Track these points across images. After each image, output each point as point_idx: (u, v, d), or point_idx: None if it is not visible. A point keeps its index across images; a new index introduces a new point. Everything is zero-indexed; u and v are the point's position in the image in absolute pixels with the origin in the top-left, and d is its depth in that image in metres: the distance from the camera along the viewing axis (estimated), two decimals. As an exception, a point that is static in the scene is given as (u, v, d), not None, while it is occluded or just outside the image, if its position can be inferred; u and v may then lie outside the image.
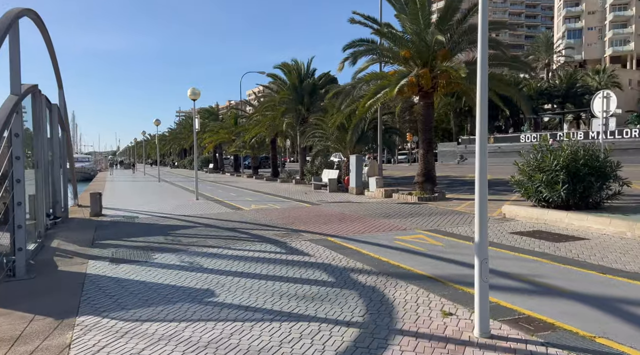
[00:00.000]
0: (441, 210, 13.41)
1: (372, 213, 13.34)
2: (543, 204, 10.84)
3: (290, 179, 29.98)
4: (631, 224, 8.50)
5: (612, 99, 11.19)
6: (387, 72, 17.09)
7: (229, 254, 8.37)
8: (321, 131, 22.50)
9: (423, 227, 10.68)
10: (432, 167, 16.59)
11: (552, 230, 9.60)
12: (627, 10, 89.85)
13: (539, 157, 10.74)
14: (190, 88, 19.27)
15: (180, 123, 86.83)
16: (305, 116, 27.14)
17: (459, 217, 12.03)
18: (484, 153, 4.43)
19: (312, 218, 12.68)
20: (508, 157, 45.33)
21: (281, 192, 21.77)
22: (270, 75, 28.94)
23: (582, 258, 7.19)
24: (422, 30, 15.44)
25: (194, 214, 14.33)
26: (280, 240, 9.50)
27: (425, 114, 16.49)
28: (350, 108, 17.07)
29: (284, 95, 26.97)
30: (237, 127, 40.67)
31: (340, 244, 8.93)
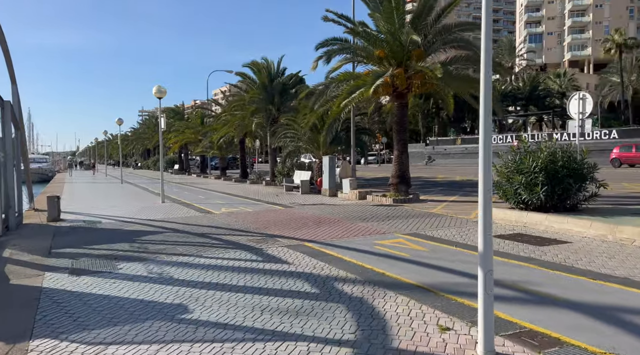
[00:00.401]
0: (417, 213, 13.19)
1: (348, 216, 12.98)
2: (521, 206, 10.73)
3: (260, 180, 29.37)
4: (612, 227, 8.43)
5: (588, 100, 11.24)
6: (360, 72, 16.79)
7: (201, 262, 7.81)
8: (293, 131, 22.03)
9: (402, 230, 10.39)
10: (407, 169, 16.40)
11: (532, 233, 9.47)
12: (584, 16, 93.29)
13: (518, 158, 10.62)
14: (156, 86, 18.46)
15: (143, 122, 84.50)
16: (276, 116, 26.60)
17: (436, 219, 11.81)
18: (487, 157, 4.09)
19: (287, 222, 12.21)
20: (474, 157, 46.08)
21: (252, 194, 21.19)
22: (239, 73, 28.26)
23: (570, 263, 7.02)
24: (396, 29, 15.21)
25: (161, 218, 13.61)
26: (256, 247, 9.00)
27: (400, 115, 16.28)
28: (323, 108, 16.69)
29: (253, 95, 26.35)
30: (204, 126, 39.70)
31: (320, 250, 8.51)
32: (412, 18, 15.21)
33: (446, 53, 16.54)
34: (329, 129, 16.09)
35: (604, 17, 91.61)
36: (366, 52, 15.80)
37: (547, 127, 60.85)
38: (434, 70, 13.45)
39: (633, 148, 29.69)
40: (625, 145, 30.45)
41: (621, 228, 8.26)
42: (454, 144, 48.79)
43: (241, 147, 34.19)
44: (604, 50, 55.55)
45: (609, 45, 54.23)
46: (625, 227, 8.22)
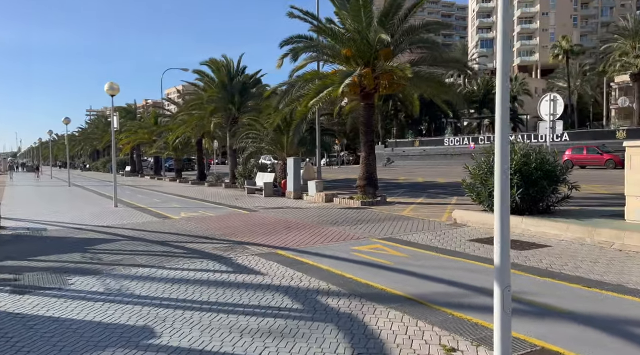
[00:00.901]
0: (388, 216, 12.86)
1: (317, 220, 12.47)
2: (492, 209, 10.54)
3: (219, 182, 28.40)
4: (589, 229, 8.34)
5: (559, 102, 11.27)
6: (327, 72, 16.35)
7: (165, 275, 7.07)
8: (255, 132, 21.30)
9: (376, 235, 9.98)
10: (374, 171, 16.08)
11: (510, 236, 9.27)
12: (532, 23, 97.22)
13: (492, 160, 10.43)
14: (108, 82, 17.32)
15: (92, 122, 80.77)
16: (236, 116, 25.74)
17: (408, 222, 11.50)
18: (505, 160, 3.67)
19: (254, 227, 11.55)
20: (433, 159, 46.84)
21: (211, 197, 20.30)
22: (197, 71, 27.20)
23: (556, 269, 6.80)
24: (363, 28, 14.86)
25: (115, 224, 12.62)
26: (224, 256, 8.32)
27: (367, 116, 15.94)
28: (289, 108, 16.11)
29: (212, 93, 25.38)
30: (158, 126, 38.13)
31: (294, 258, 7.94)
32: (380, 16, 14.89)
33: (412, 54, 16.37)
34: (296, 130, 15.53)
35: (550, 25, 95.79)
36: (333, 51, 15.36)
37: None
38: (404, 70, 13.18)
39: (584, 150, 30.86)
40: (576, 148, 31.61)
41: (598, 231, 8.17)
42: (412, 145, 49.38)
43: (198, 148, 33.00)
44: (552, 55, 57.90)
45: (557, 51, 56.57)
46: (603, 230, 8.14)
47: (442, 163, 43.97)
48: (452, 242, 8.98)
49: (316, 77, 15.73)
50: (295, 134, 15.55)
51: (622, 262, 7.03)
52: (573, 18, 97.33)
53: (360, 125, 16.08)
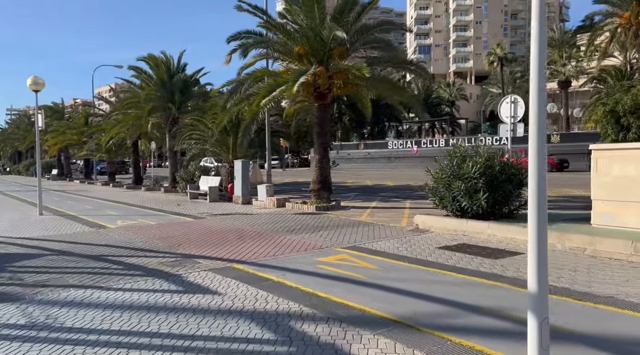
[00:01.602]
0: (346, 221, 12.23)
1: (272, 227, 11.60)
2: (458, 214, 10.22)
3: (157, 186, 26.68)
4: (559, 235, 8.11)
5: (520, 104, 11.16)
6: (278, 70, 15.50)
7: (102, 299, 5.97)
8: (199, 133, 20.02)
9: (339, 243, 9.29)
10: (329, 174, 15.46)
11: (477, 243, 8.92)
12: (466, 31, 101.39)
13: (455, 163, 10.09)
14: (32, 76, 15.50)
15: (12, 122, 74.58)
16: (177, 116, 24.24)
17: (369, 229, 10.92)
18: (542, 166, 3.07)
19: (202, 237, 10.50)
20: (376, 162, 47.13)
21: (150, 203, 18.81)
22: (133, 68, 25.36)
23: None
24: (316, 25, 14.19)
25: (41, 236, 11.09)
26: (172, 272, 7.29)
27: (321, 117, 15.29)
28: (237, 107, 15.10)
29: (150, 92, 23.73)
30: (89, 127, 35.51)
31: (254, 274, 7.07)
32: (334, 13, 14.30)
33: (365, 54, 15.92)
34: (246, 130, 14.57)
35: (483, 33, 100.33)
36: (285, 48, 14.57)
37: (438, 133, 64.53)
38: (361, 69, 12.64)
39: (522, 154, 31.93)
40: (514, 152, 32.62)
41: (569, 236, 7.95)
42: (357, 148, 49.45)
43: (134, 149, 30.95)
44: (488, 62, 60.34)
45: (492, 58, 59.01)
46: (573, 236, 7.92)
47: (386, 166, 44.28)
48: (421, 250, 8.46)
49: (267, 75, 14.87)
50: (245, 135, 14.60)
51: (601, 270, 6.77)
52: (504, 28, 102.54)
53: (314, 126, 15.40)
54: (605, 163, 8.31)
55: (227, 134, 19.41)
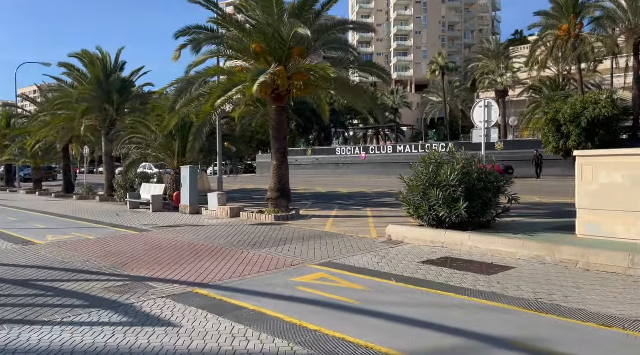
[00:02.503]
0: (311, 233, 11.31)
1: (231, 241, 10.46)
2: (433, 224, 9.61)
3: (91, 195, 24.41)
4: (548, 247, 7.66)
5: (494, 108, 10.78)
6: (234, 68, 14.36)
7: (32, 343, 4.69)
8: (140, 136, 18.36)
9: (312, 259, 8.37)
10: (287, 182, 14.51)
11: (460, 256, 8.31)
12: (407, 40, 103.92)
13: (431, 170, 9.48)
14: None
15: None
16: (115, 118, 22.31)
17: (339, 241, 10.07)
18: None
19: (152, 254, 9.20)
20: (325, 168, 46.54)
21: (85, 214, 16.95)
22: (64, 64, 23.08)
23: (545, 299, 5.81)
24: (275, 21, 13.25)
25: (-48, 257, 9.31)
26: (122, 301, 6.06)
27: (278, 120, 14.31)
28: (187, 108, 13.79)
29: (84, 91, 21.66)
30: (12, 129, 32.26)
31: (224, 301, 6.00)
32: (293, 10, 13.42)
33: (325, 54, 15.17)
34: (198, 134, 13.27)
35: (423, 43, 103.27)
36: (241, 45, 13.48)
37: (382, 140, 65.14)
38: (325, 69, 11.84)
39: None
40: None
41: (559, 249, 7.50)
42: (304, 154, 48.61)
43: (65, 154, 28.37)
44: (430, 71, 61.72)
45: (434, 67, 60.44)
46: (564, 248, 7.49)
47: (334, 172, 43.83)
48: (404, 266, 7.72)
49: (221, 74, 13.71)
50: (197, 139, 13.30)
51: (604, 286, 6.31)
52: (442, 39, 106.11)
53: (272, 130, 14.39)
54: (591, 170, 7.98)
55: (173, 137, 17.94)
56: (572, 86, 45.42)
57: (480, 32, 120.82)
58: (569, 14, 30.25)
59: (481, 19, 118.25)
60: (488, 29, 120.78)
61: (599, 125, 27.03)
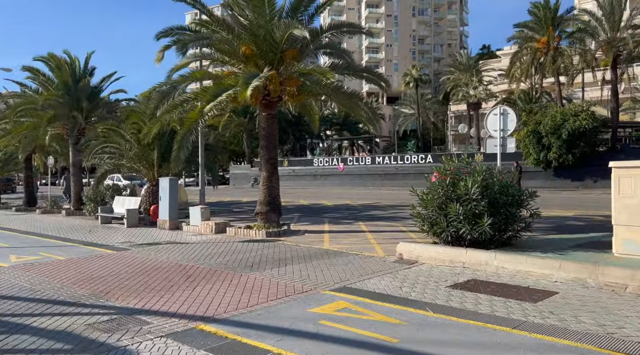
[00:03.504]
0: (310, 251, 10.33)
1: (224, 261, 9.36)
2: (448, 241, 8.81)
3: (56, 208, 22.63)
4: (590, 268, 6.94)
5: (510, 116, 10.06)
6: (222, 72, 13.32)
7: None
8: (114, 145, 16.98)
9: (325, 284, 7.39)
10: (278, 194, 13.53)
11: (488, 278, 7.51)
12: (378, 53, 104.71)
13: (448, 182, 8.69)
14: None
15: None
16: (84, 126, 20.79)
17: (345, 261, 9.13)
18: None
19: (136, 277, 8.03)
20: (302, 179, 45.53)
21: (52, 230, 15.43)
22: (28, 68, 21.40)
23: (617, 333, 5.03)
24: (267, 22, 12.33)
25: None
26: (111, 343, 4.95)
27: (269, 129, 13.33)
28: (170, 115, 12.63)
29: (51, 97, 20.07)
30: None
31: (238, 341, 4.97)
32: (286, 10, 12.56)
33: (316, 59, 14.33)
34: (184, 142, 12.09)
35: (394, 56, 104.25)
36: (230, 48, 12.46)
37: (357, 151, 64.88)
38: (325, 73, 10.98)
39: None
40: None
41: (603, 270, 6.80)
42: (281, 165, 47.45)
43: (27, 165, 26.40)
44: (404, 83, 61.95)
45: (408, 79, 60.71)
46: (608, 269, 6.79)
47: (312, 184, 42.91)
48: (431, 291, 6.85)
49: (208, 78, 12.65)
50: (182, 149, 12.11)
51: (670, 314, 5.59)
52: (412, 52, 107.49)
53: (262, 139, 13.40)
54: (630, 183, 7.36)
55: (150, 147, 16.66)
56: (544, 99, 46.23)
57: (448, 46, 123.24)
58: (547, 27, 30.62)
59: (449, 34, 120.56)
60: (456, 43, 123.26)
61: (579, 137, 27.16)
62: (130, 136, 16.48)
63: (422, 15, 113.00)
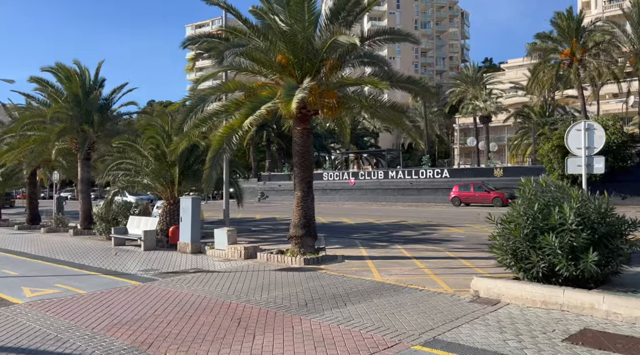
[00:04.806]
0: (362, 284, 9.11)
1: (272, 299, 8.12)
2: (534, 278, 7.60)
3: (62, 227, 21.38)
4: None
5: (598, 132, 8.85)
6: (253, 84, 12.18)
7: None
8: (130, 161, 15.79)
9: (406, 334, 6.17)
10: (313, 215, 12.34)
11: (604, 328, 6.30)
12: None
13: (537, 208, 7.48)
14: None
15: None
16: (94, 140, 19.64)
17: (410, 299, 7.92)
18: None
19: (177, 322, 6.79)
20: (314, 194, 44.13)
21: (63, 253, 14.18)
22: (36, 79, 20.26)
23: None
24: (305, 28, 11.27)
25: None
26: None
27: (304, 145, 12.20)
28: (198, 129, 11.47)
29: (60, 110, 18.95)
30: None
31: None
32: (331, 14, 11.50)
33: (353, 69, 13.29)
34: (216, 159, 10.85)
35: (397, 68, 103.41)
36: (265, 56, 11.35)
37: (363, 164, 63.71)
38: (375, 83, 9.88)
39: (471, 187, 31.14)
40: (463, 185, 31.84)
41: None
42: (289, 179, 46.12)
43: (31, 181, 25.18)
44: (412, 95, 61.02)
45: (416, 92, 59.80)
46: None
47: (322, 199, 41.64)
48: (547, 347, 5.64)
49: (241, 89, 11.53)
50: (214, 167, 10.84)
51: None
52: (414, 64, 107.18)
53: (296, 156, 12.23)
54: None
55: (169, 163, 15.49)
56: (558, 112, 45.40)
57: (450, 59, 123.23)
58: (571, 38, 29.78)
59: (451, 47, 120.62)
60: (458, 56, 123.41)
61: (606, 152, 26.08)
62: (147, 152, 15.31)
63: (425, 28, 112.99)
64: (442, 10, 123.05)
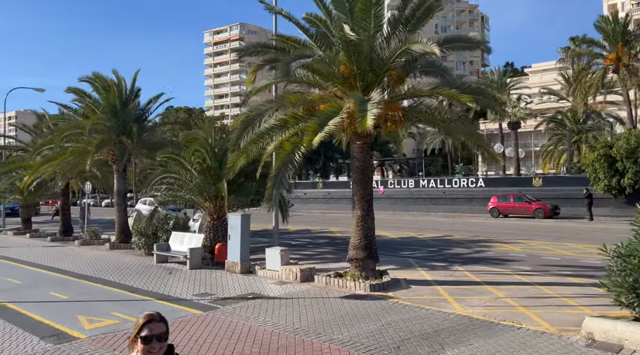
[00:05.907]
0: (446, 319, 8.30)
1: (359, 337, 7.34)
2: None
3: (96, 239, 20.88)
4: None
5: None
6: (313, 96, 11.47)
7: None
8: (174, 175, 15.21)
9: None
10: (374, 236, 11.53)
11: None
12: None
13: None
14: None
15: None
16: (131, 152, 19.18)
17: (513, 339, 7.09)
18: None
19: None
20: (338, 203, 43.33)
21: (106, 272, 13.60)
22: (74, 90, 19.92)
23: None
24: (369, 37, 10.54)
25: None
26: None
27: (364, 160, 11.45)
28: (256, 145, 10.78)
29: (98, 121, 18.50)
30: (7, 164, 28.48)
31: None
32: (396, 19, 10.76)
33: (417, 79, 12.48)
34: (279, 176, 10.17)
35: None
36: (328, 67, 10.64)
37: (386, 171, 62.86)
38: (458, 96, 9.09)
39: (511, 198, 30.00)
40: (502, 196, 30.70)
41: None
42: (314, 187, 45.48)
43: (64, 191, 24.85)
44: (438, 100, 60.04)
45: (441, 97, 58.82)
46: None
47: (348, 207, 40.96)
48: None
49: (302, 103, 10.82)
50: (277, 186, 10.17)
51: None
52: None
53: (354, 171, 11.49)
54: None
55: (212, 177, 14.87)
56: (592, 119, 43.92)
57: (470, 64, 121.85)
58: (617, 42, 28.63)
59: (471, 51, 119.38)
60: (478, 61, 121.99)
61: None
62: (193, 166, 14.73)
63: (445, 32, 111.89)
64: (462, 14, 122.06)
